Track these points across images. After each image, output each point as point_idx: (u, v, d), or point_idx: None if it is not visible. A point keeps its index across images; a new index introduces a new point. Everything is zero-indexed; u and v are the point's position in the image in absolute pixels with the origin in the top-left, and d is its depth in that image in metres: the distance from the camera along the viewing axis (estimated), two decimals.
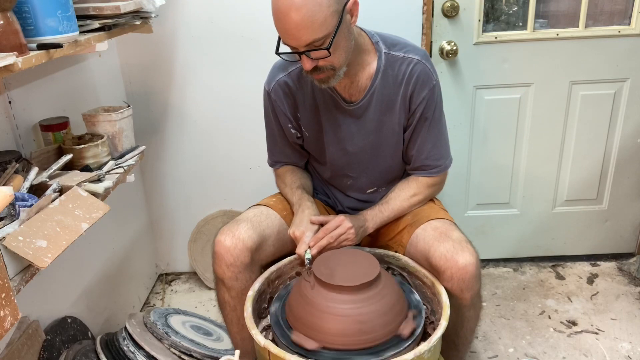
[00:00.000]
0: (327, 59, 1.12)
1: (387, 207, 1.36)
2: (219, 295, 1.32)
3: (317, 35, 1.07)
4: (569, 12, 1.91)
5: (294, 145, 1.43)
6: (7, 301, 0.82)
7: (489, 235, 2.20)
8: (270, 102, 1.36)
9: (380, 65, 1.25)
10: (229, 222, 1.29)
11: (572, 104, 1.99)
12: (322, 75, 1.17)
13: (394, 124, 1.30)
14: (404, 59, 1.25)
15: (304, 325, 1.12)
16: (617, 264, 2.21)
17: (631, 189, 2.12)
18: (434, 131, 1.31)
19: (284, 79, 1.32)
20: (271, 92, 1.34)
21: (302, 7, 1.03)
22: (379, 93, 1.27)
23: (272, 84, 1.34)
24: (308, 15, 1.04)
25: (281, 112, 1.36)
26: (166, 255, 2.25)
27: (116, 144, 1.49)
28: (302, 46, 1.09)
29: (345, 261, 1.19)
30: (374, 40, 1.27)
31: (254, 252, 1.24)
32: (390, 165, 1.39)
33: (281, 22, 1.07)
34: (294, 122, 1.38)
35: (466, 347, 1.36)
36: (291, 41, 1.10)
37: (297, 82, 1.32)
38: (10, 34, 0.92)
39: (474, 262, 1.16)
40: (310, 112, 1.34)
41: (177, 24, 1.85)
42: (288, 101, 1.34)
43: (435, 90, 1.28)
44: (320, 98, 1.31)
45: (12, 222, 0.96)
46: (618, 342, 1.76)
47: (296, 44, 1.09)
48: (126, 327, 1.51)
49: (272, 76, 1.34)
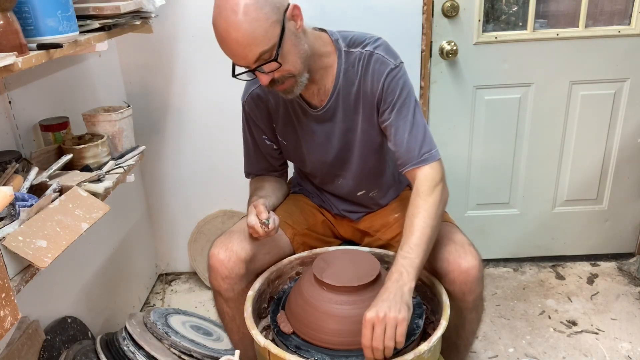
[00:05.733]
0: (282, 69, 1.10)
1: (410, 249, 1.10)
2: (218, 306, 1.32)
3: (262, 49, 1.05)
4: (569, 12, 1.91)
5: (268, 158, 1.42)
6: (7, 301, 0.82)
7: (489, 235, 2.19)
8: (244, 114, 1.37)
9: (340, 65, 1.23)
10: (223, 234, 1.28)
11: (572, 104, 1.99)
12: (285, 86, 1.15)
13: (366, 122, 1.27)
14: (361, 54, 1.21)
15: (304, 325, 1.12)
16: (617, 264, 2.21)
17: (631, 189, 2.12)
18: (406, 116, 1.20)
19: (256, 91, 1.32)
20: (245, 105, 1.35)
21: (240, 25, 1.03)
22: (344, 93, 1.24)
23: (245, 96, 1.34)
24: (248, 32, 1.03)
25: (255, 125, 1.36)
26: (166, 255, 2.25)
27: (116, 144, 1.49)
28: (252, 63, 1.08)
29: (345, 261, 1.18)
30: (333, 39, 1.24)
31: (249, 263, 1.23)
32: (374, 164, 1.35)
33: (225, 44, 1.07)
34: (270, 132, 1.37)
35: (467, 348, 1.36)
36: (240, 61, 1.09)
37: (269, 93, 1.30)
38: (10, 34, 0.92)
39: (477, 265, 1.16)
40: (284, 121, 1.33)
41: (177, 24, 1.85)
42: (262, 113, 1.34)
43: (395, 73, 1.19)
44: (291, 107, 1.30)
45: (12, 222, 0.96)
46: (618, 342, 1.76)
47: (245, 62, 1.08)
48: (126, 327, 1.51)
49: (246, 89, 1.34)
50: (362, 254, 1.23)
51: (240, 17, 1.02)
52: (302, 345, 1.10)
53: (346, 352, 1.08)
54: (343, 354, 1.08)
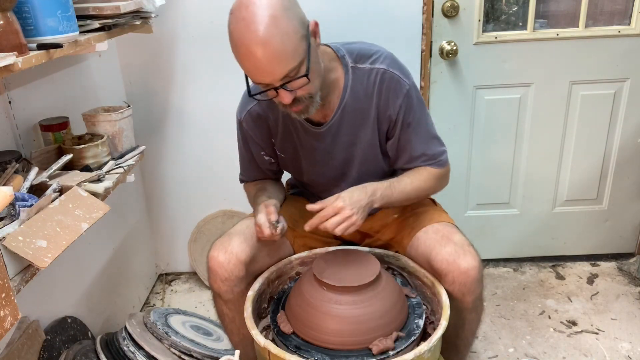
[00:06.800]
0: (305, 87, 1.07)
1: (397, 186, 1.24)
2: (217, 308, 1.31)
3: (292, 65, 1.01)
4: (569, 12, 1.91)
5: (264, 169, 1.41)
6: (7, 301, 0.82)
7: (489, 235, 2.19)
8: (241, 130, 1.34)
9: (347, 80, 1.21)
10: (222, 236, 1.27)
11: (572, 104, 1.99)
12: (301, 106, 1.11)
13: (371, 137, 1.27)
14: (371, 71, 1.20)
15: (304, 325, 1.12)
16: (617, 264, 2.20)
17: (631, 189, 2.12)
18: (421, 132, 1.26)
19: (255, 109, 1.28)
20: (242, 122, 1.31)
21: (270, 40, 0.97)
22: (349, 109, 1.23)
23: (243, 113, 1.30)
24: (278, 47, 0.98)
25: (253, 141, 1.34)
26: (166, 255, 2.25)
27: (116, 144, 1.49)
28: (278, 80, 1.03)
29: (345, 261, 1.19)
30: (339, 54, 1.22)
31: (248, 265, 1.23)
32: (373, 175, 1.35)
33: (249, 60, 1.01)
34: (268, 148, 1.35)
35: (467, 348, 1.36)
36: (265, 77, 1.03)
37: (268, 109, 1.28)
38: (10, 34, 0.92)
39: (477, 265, 1.16)
40: (283, 137, 1.31)
41: (177, 24, 1.85)
42: (260, 130, 1.31)
43: (411, 94, 1.22)
44: (291, 123, 1.28)
45: (12, 222, 0.96)
46: (618, 342, 1.76)
47: (271, 79, 1.03)
48: (126, 327, 1.51)
49: (243, 105, 1.31)
50: (362, 254, 1.23)
51: (271, 29, 0.97)
52: (302, 345, 1.10)
53: (346, 352, 1.08)
54: (343, 354, 1.08)
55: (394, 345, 1.08)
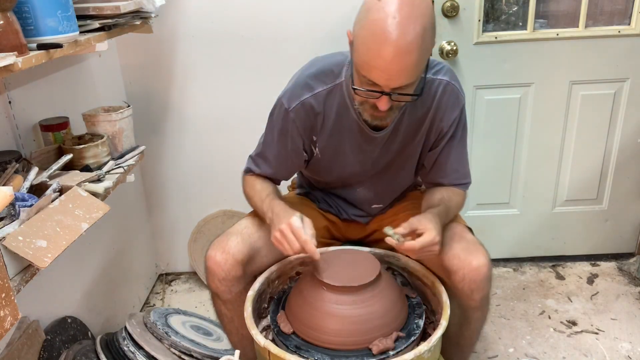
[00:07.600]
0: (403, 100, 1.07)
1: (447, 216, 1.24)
2: (216, 308, 1.31)
3: (412, 80, 1.01)
4: (569, 12, 1.91)
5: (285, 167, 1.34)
6: (7, 301, 0.82)
7: (489, 235, 2.19)
8: (286, 120, 1.23)
9: None
10: (220, 235, 1.26)
11: (572, 104, 1.99)
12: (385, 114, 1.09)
13: (416, 145, 1.27)
14: (433, 81, 1.19)
15: (304, 325, 1.12)
16: (617, 264, 2.21)
17: (631, 189, 2.12)
18: (460, 148, 1.29)
19: (309, 101, 1.20)
20: (291, 112, 1.22)
21: (412, 51, 0.96)
22: (407, 117, 1.23)
23: (294, 103, 1.21)
24: (414, 60, 0.97)
25: (296, 133, 1.25)
26: (166, 255, 2.25)
27: (116, 144, 1.49)
28: (391, 87, 1.01)
29: (346, 261, 1.18)
30: None
31: (246, 265, 1.22)
32: (403, 184, 1.39)
33: (381, 58, 0.97)
34: (308, 143, 1.28)
35: (470, 348, 1.36)
36: (383, 80, 1.00)
37: (323, 105, 1.21)
38: (10, 34, 0.92)
39: (487, 263, 1.16)
40: (329, 136, 1.26)
41: (177, 24, 1.85)
42: (308, 123, 1.24)
43: (464, 110, 1.25)
44: (346, 123, 1.24)
45: (12, 222, 0.96)
46: (618, 342, 1.76)
47: (386, 83, 1.00)
48: (126, 327, 1.51)
49: (295, 95, 1.21)
50: (362, 254, 1.23)
51: (417, 41, 0.96)
52: (302, 345, 1.10)
53: (346, 352, 1.08)
54: (343, 354, 1.08)
55: (394, 345, 1.08)
